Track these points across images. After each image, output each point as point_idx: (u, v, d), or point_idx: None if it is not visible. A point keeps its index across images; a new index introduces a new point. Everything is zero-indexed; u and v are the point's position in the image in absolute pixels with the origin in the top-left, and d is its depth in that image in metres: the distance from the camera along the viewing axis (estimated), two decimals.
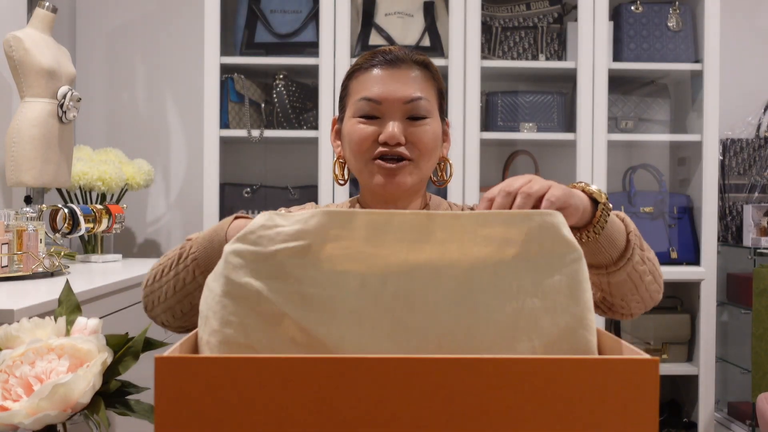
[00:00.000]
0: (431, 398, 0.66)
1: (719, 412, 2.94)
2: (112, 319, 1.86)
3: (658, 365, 0.67)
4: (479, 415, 0.66)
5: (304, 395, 0.66)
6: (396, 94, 1.18)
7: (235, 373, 0.67)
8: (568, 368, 0.66)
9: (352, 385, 0.66)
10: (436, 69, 1.26)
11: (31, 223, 1.96)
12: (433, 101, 1.22)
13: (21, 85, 2.20)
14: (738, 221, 2.93)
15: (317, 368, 0.67)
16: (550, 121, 2.81)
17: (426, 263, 0.75)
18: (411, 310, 0.74)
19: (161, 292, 1.13)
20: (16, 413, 0.80)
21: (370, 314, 0.74)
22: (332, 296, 0.75)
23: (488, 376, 0.66)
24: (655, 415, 0.66)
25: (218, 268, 0.79)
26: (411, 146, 1.18)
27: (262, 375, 0.66)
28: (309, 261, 0.75)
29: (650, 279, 1.12)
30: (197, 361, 0.67)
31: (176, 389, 0.66)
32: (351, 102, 1.22)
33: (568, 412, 0.66)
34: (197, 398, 0.67)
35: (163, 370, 0.67)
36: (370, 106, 1.18)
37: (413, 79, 1.19)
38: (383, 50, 1.23)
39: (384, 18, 2.74)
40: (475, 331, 0.75)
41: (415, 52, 1.23)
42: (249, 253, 0.77)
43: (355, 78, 1.23)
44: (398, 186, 1.20)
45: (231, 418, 0.66)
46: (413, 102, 1.18)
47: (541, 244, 0.77)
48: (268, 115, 2.82)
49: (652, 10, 2.80)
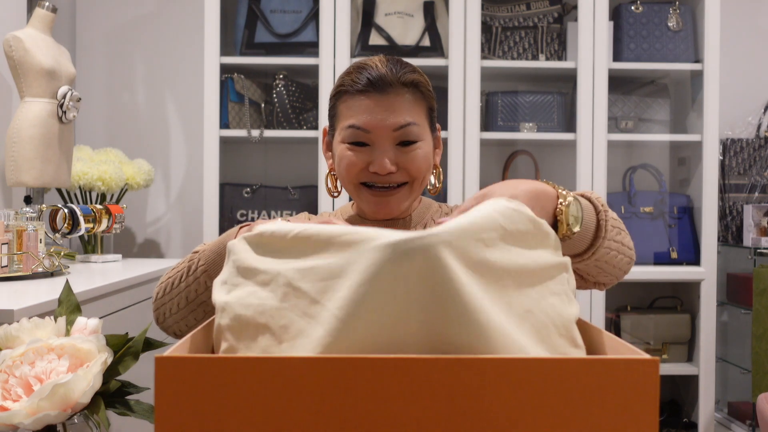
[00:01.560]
0: (431, 398, 0.66)
1: (719, 412, 2.94)
2: (112, 319, 1.86)
3: (658, 365, 0.67)
4: (479, 415, 0.66)
5: (304, 395, 0.66)
6: (385, 122, 1.15)
7: (235, 373, 0.67)
8: (568, 368, 0.66)
9: (353, 385, 0.66)
10: (427, 85, 1.21)
11: (31, 223, 1.96)
12: (423, 123, 1.19)
13: (21, 85, 2.20)
14: (738, 221, 2.93)
15: (317, 368, 0.67)
16: (550, 121, 2.81)
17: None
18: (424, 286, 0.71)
19: (172, 304, 1.16)
20: (16, 413, 0.80)
21: (383, 286, 0.71)
22: (345, 268, 0.73)
23: (488, 376, 0.66)
24: (655, 415, 0.66)
25: (229, 269, 0.81)
26: (403, 172, 1.18)
27: (262, 375, 0.66)
28: (319, 246, 0.76)
29: (619, 258, 1.10)
30: (197, 361, 0.67)
31: (176, 389, 0.66)
32: (339, 126, 1.20)
33: (568, 412, 0.66)
34: (197, 398, 0.67)
35: (163, 370, 0.67)
36: (359, 134, 1.16)
37: (402, 104, 1.16)
38: (370, 66, 1.18)
39: (384, 18, 2.74)
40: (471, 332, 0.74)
41: (405, 71, 1.18)
42: (254, 240, 0.80)
43: (342, 100, 1.20)
44: (390, 211, 1.21)
45: (231, 418, 0.66)
46: (403, 128, 1.16)
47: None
48: (268, 115, 2.82)
49: (652, 10, 2.80)
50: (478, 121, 2.69)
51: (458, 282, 0.70)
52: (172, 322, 1.18)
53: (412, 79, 1.19)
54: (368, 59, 1.21)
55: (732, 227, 2.94)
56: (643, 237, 2.83)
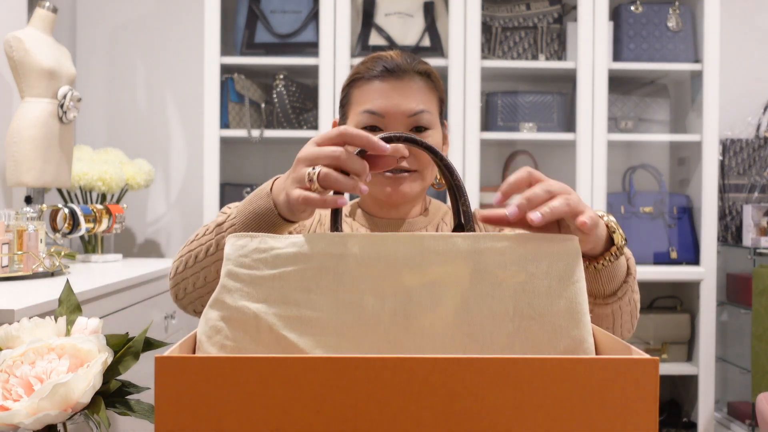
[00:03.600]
0: (431, 398, 0.66)
1: (719, 412, 2.94)
2: (112, 319, 1.86)
3: (658, 365, 0.67)
4: (479, 415, 0.66)
5: (304, 395, 0.66)
6: (400, 108, 1.17)
7: (235, 373, 0.67)
8: (568, 368, 0.66)
9: (352, 385, 0.66)
10: (438, 77, 1.24)
11: (32, 223, 1.96)
12: (435, 112, 1.21)
13: (21, 85, 2.20)
14: (738, 221, 2.94)
15: (317, 368, 0.67)
16: (550, 121, 2.81)
17: (422, 285, 0.75)
18: (408, 332, 0.74)
19: (196, 279, 1.07)
20: (16, 413, 0.80)
21: (369, 336, 0.74)
22: (330, 319, 0.74)
23: (488, 376, 0.66)
24: (655, 415, 0.67)
25: (214, 295, 0.78)
26: (414, 158, 1.18)
27: (262, 375, 0.66)
28: (306, 285, 0.75)
29: (628, 319, 1.09)
30: (197, 361, 0.67)
31: (176, 389, 0.67)
32: (353, 112, 1.21)
33: (568, 412, 0.66)
34: (197, 398, 0.67)
35: (163, 370, 0.67)
36: (373, 118, 1.17)
37: (416, 91, 1.18)
38: (384, 57, 1.21)
39: (384, 18, 2.74)
40: (471, 354, 0.74)
41: (418, 61, 1.22)
42: (245, 276, 0.76)
43: (356, 86, 1.21)
44: (404, 195, 1.20)
45: (231, 418, 0.67)
46: (417, 115, 1.18)
47: (549, 265, 0.76)
48: (268, 115, 2.82)
49: (651, 10, 2.80)
50: (478, 121, 2.69)
51: None
52: (195, 297, 1.09)
53: (426, 69, 1.22)
54: (382, 52, 1.24)
55: (732, 227, 2.94)
56: (642, 237, 2.83)
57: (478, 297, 0.75)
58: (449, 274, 0.76)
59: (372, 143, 0.83)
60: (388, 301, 0.75)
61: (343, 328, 0.74)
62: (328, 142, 0.85)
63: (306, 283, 0.75)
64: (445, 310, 0.75)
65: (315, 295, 0.75)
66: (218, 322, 0.76)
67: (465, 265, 0.75)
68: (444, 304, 0.75)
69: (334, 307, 0.74)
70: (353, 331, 0.74)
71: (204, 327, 0.77)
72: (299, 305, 0.75)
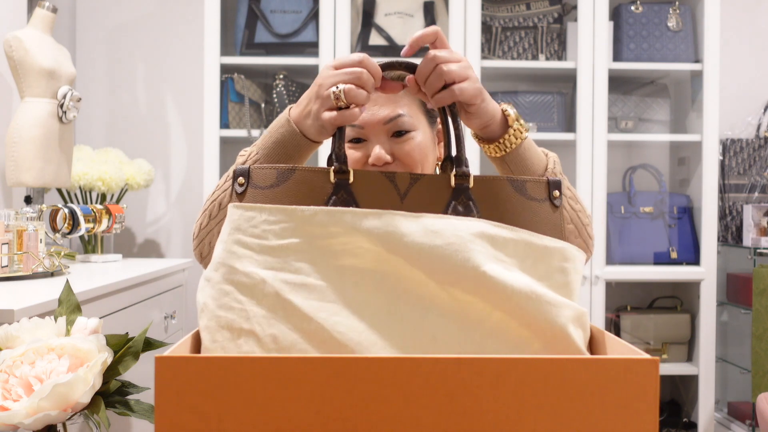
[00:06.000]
0: (431, 398, 0.66)
1: (719, 412, 2.94)
2: (112, 319, 1.86)
3: (658, 365, 0.67)
4: (479, 415, 0.66)
5: (304, 395, 0.66)
6: (375, 117, 1.20)
7: (235, 373, 0.67)
8: (568, 368, 0.66)
9: (352, 385, 0.66)
10: None
11: (31, 223, 1.96)
12: (416, 113, 1.23)
13: (21, 85, 2.20)
14: (738, 221, 2.93)
15: (317, 368, 0.67)
16: (550, 121, 2.81)
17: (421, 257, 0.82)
18: (407, 303, 0.80)
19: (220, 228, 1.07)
20: (16, 413, 0.80)
21: (369, 305, 0.80)
22: (333, 287, 0.80)
23: (488, 376, 0.66)
24: (655, 415, 0.67)
25: (217, 259, 0.83)
26: (398, 162, 1.21)
27: (262, 375, 0.66)
28: (312, 255, 0.81)
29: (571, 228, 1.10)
30: (197, 361, 0.67)
31: (176, 389, 0.67)
32: None
33: (568, 412, 0.66)
34: (197, 398, 0.67)
35: (163, 370, 0.67)
36: (355, 131, 1.21)
37: (391, 97, 1.21)
38: None
39: (384, 18, 2.74)
40: (467, 326, 0.80)
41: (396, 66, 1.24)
42: (255, 245, 0.82)
43: None
44: None
45: (231, 418, 0.67)
46: (392, 121, 1.20)
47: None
48: (268, 115, 2.82)
49: (651, 10, 2.80)
50: None
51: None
52: None
53: (399, 74, 1.23)
54: None
55: (732, 227, 2.94)
56: (643, 237, 2.83)
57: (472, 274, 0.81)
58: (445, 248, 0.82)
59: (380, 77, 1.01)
60: (389, 272, 0.81)
61: (345, 296, 0.80)
62: (349, 65, 0.99)
63: (311, 254, 0.81)
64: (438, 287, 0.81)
65: (319, 266, 0.81)
66: (226, 285, 0.81)
67: (460, 240, 0.82)
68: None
69: (337, 276, 0.81)
70: (354, 299, 0.80)
71: (210, 290, 0.82)
72: (304, 273, 0.81)
